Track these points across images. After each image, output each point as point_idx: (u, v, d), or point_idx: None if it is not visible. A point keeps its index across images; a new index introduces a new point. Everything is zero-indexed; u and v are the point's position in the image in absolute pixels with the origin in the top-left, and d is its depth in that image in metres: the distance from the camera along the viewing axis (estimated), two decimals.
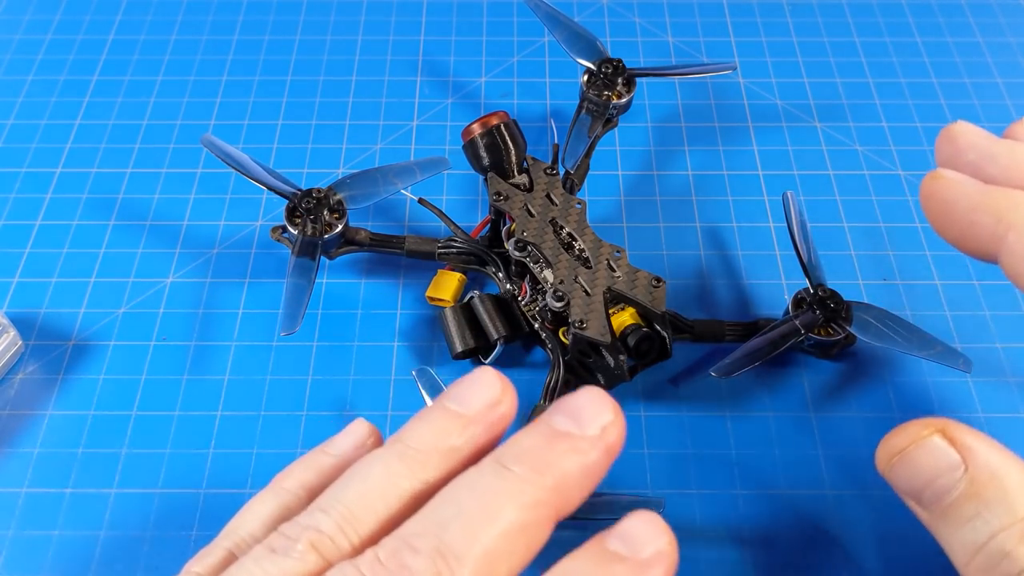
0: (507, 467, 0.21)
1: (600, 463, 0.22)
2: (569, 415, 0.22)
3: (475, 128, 0.37)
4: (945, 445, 0.22)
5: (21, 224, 0.42)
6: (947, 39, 0.51)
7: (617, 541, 0.21)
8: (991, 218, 0.23)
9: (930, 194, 0.25)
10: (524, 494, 0.21)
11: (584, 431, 0.21)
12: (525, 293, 0.36)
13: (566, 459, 0.21)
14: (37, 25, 0.51)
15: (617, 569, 0.20)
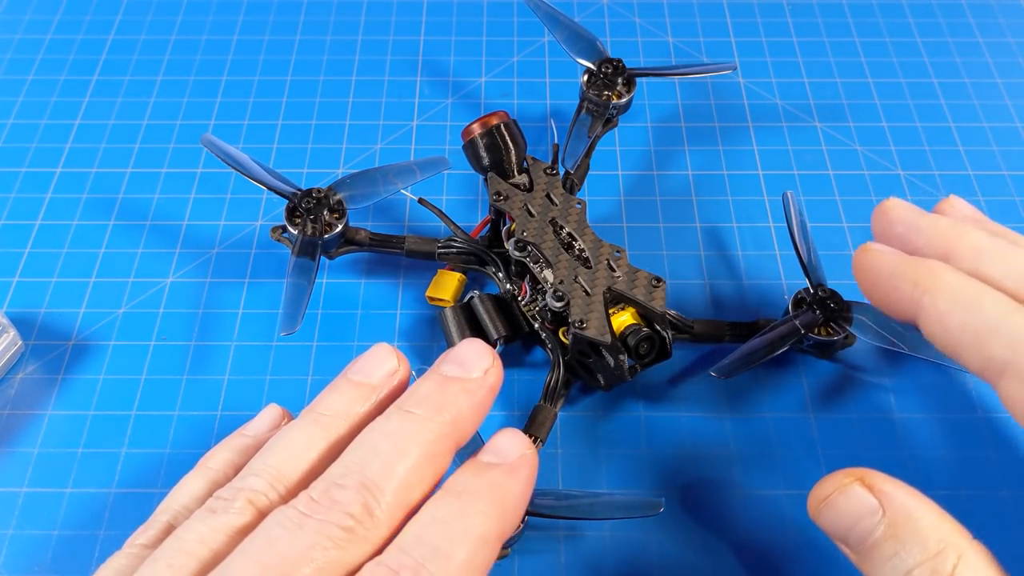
0: (410, 411, 0.25)
1: (485, 400, 0.26)
2: (456, 363, 0.26)
3: (475, 128, 0.37)
4: (864, 492, 0.24)
5: (21, 224, 0.42)
6: (947, 39, 0.51)
7: (489, 455, 0.25)
8: (909, 284, 0.27)
9: (859, 264, 0.29)
10: (428, 431, 0.24)
11: (470, 374, 0.26)
12: (525, 293, 0.36)
13: (458, 399, 0.25)
14: (37, 25, 0.51)
15: (492, 474, 0.24)
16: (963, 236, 0.27)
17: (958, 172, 0.44)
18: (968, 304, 0.25)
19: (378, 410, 0.27)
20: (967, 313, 0.25)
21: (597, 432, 0.35)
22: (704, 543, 0.33)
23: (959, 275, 0.26)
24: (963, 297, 0.26)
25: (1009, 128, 0.46)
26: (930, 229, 0.28)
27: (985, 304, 0.25)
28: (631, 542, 0.33)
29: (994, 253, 0.27)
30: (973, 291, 0.26)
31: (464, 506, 0.23)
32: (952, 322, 0.26)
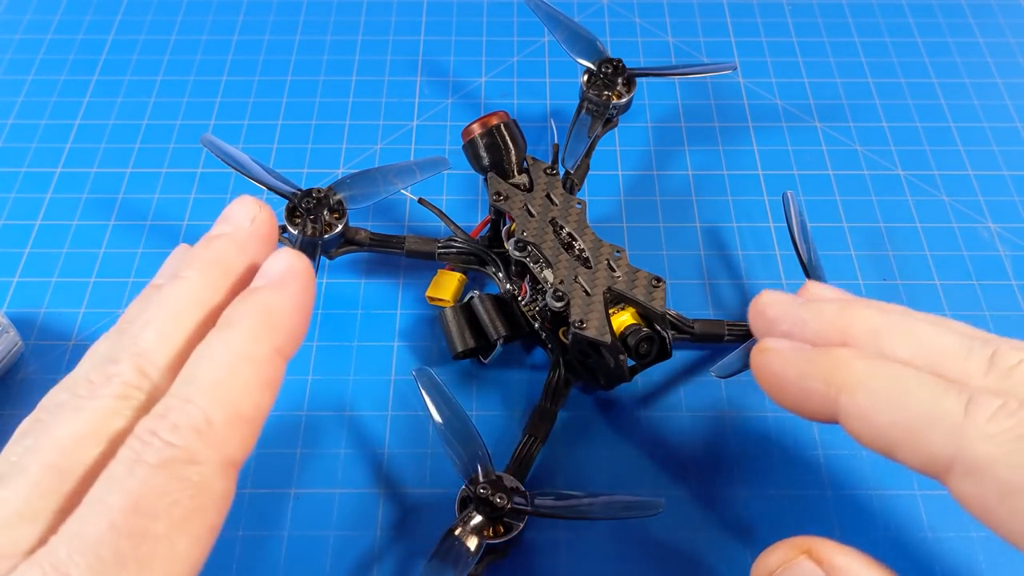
0: (181, 276, 0.24)
1: (257, 249, 0.25)
2: (222, 221, 0.25)
3: (475, 128, 0.37)
4: (812, 567, 0.23)
5: (21, 224, 0.42)
6: (947, 39, 0.51)
7: (257, 279, 0.24)
8: (820, 384, 0.23)
9: (759, 368, 0.25)
10: (199, 288, 0.23)
11: (239, 228, 0.25)
12: (525, 293, 0.36)
13: (226, 251, 0.24)
14: (37, 25, 0.51)
15: (256, 295, 0.23)
16: (855, 319, 0.24)
17: (958, 172, 0.44)
18: (892, 396, 0.22)
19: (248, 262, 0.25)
20: (893, 407, 0.22)
21: (597, 432, 0.35)
22: (704, 543, 0.33)
23: (872, 362, 0.23)
24: (884, 388, 0.22)
25: (1009, 128, 0.46)
26: (816, 320, 0.25)
27: (912, 392, 0.22)
28: (631, 542, 0.33)
29: (894, 329, 0.24)
30: (893, 378, 0.22)
31: (229, 335, 0.22)
32: (878, 419, 0.22)
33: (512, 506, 0.30)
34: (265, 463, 0.34)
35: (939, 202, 0.43)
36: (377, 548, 0.33)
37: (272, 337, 0.22)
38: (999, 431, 0.20)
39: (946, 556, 0.32)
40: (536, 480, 0.34)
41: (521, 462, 0.33)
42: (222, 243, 0.24)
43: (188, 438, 0.20)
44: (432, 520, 0.33)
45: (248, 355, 0.22)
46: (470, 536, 0.30)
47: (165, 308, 0.23)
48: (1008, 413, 0.20)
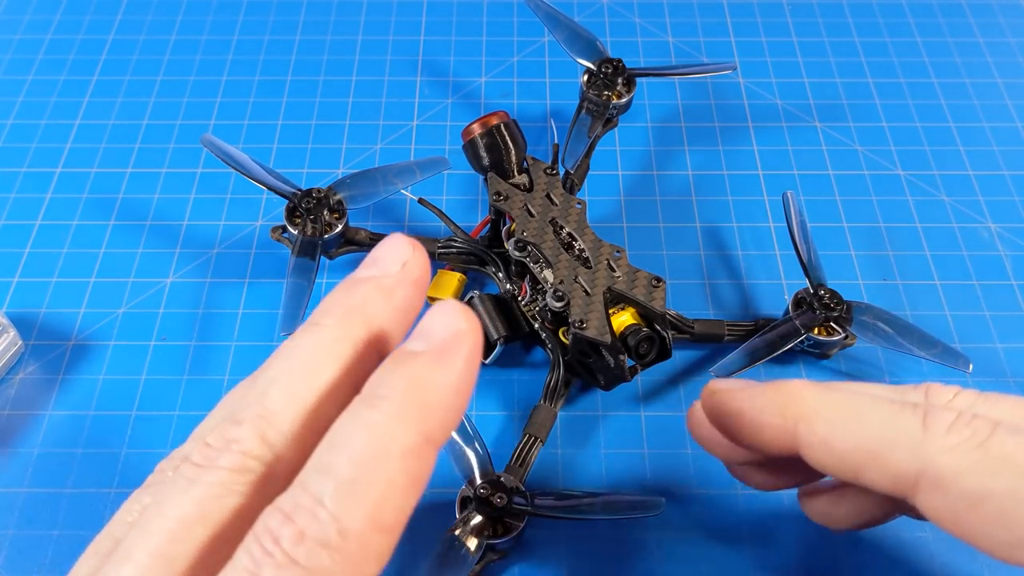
0: (316, 323, 0.20)
1: (409, 297, 0.21)
2: (370, 263, 0.21)
3: (475, 128, 0.37)
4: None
5: (21, 224, 0.42)
6: (947, 39, 0.51)
7: (415, 341, 0.19)
8: (777, 417, 0.23)
9: (712, 409, 0.25)
10: (339, 340, 0.20)
11: (386, 271, 0.21)
12: (525, 293, 0.36)
13: (374, 299, 0.20)
14: (37, 25, 0.51)
15: (413, 365, 0.19)
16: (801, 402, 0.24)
17: (958, 172, 0.44)
18: (849, 420, 0.22)
19: (405, 309, 0.21)
20: (852, 431, 0.22)
21: (597, 432, 0.35)
22: (704, 543, 0.33)
23: (825, 390, 0.23)
24: (840, 413, 0.22)
25: (1009, 128, 0.46)
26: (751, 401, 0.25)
27: (868, 414, 0.22)
28: (631, 542, 0.33)
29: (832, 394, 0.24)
30: (848, 403, 0.23)
31: (374, 416, 0.18)
32: (839, 446, 0.22)
33: (512, 506, 0.30)
34: None
35: (939, 202, 0.43)
36: None
37: (424, 422, 0.18)
38: (959, 441, 0.20)
39: (945, 554, 0.32)
40: (536, 480, 0.34)
41: (521, 462, 0.33)
42: (367, 288, 0.20)
43: (314, 556, 0.17)
44: (432, 520, 0.33)
45: (393, 444, 0.18)
46: (470, 536, 0.30)
47: (295, 362, 0.19)
48: (964, 423, 0.21)
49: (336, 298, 0.20)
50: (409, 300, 0.21)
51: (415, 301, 0.21)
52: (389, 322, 0.20)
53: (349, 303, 0.20)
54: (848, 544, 0.33)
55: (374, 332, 0.20)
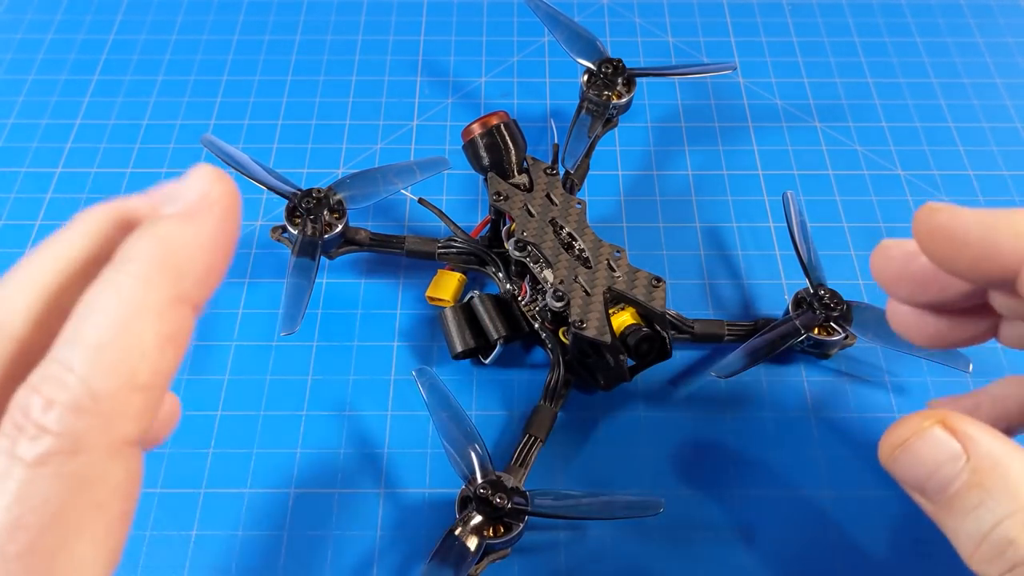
0: (62, 230, 0.19)
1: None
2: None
3: (475, 128, 0.37)
4: (946, 435, 0.21)
5: (21, 224, 0.42)
6: (947, 39, 0.51)
7: (167, 204, 0.19)
8: (1011, 238, 0.22)
9: (935, 227, 0.23)
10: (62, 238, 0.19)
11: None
12: (525, 293, 0.36)
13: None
14: (37, 25, 0.51)
15: (158, 227, 0.18)
16: None
17: (958, 172, 0.44)
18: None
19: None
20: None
21: (597, 432, 0.35)
22: (704, 543, 0.33)
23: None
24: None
25: (1009, 128, 0.46)
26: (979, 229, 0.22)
27: None
28: (631, 542, 0.33)
29: None
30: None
31: (121, 280, 0.17)
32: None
33: (512, 506, 0.30)
34: (265, 463, 0.34)
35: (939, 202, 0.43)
36: (377, 548, 0.33)
37: (174, 281, 0.18)
38: None
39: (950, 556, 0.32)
40: (536, 480, 0.34)
41: (521, 462, 0.33)
42: (128, 198, 0.19)
43: (67, 420, 0.16)
44: (432, 520, 0.33)
45: (142, 305, 0.17)
46: (470, 536, 0.30)
47: (33, 260, 0.18)
48: None
49: (88, 209, 0.19)
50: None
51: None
52: (143, 207, 0.19)
53: (101, 209, 0.19)
54: (848, 544, 0.33)
55: (125, 219, 0.19)
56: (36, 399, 0.16)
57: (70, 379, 0.16)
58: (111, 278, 0.17)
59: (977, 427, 0.21)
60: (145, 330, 0.17)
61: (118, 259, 0.18)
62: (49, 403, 0.16)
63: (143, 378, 0.17)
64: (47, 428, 0.16)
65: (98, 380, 0.16)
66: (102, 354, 0.17)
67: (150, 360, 0.17)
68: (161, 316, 0.17)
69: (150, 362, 0.17)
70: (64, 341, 0.17)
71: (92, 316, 0.17)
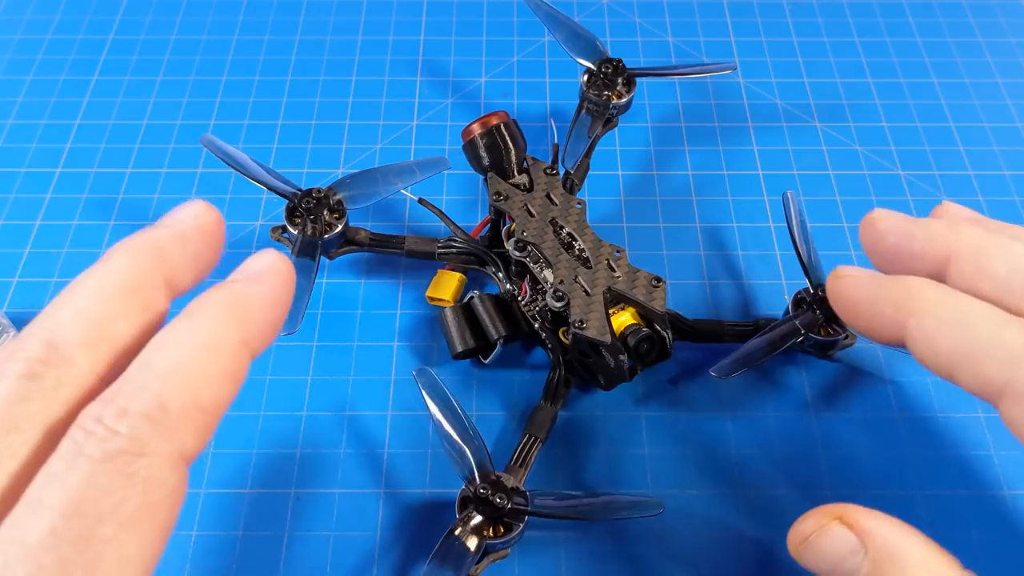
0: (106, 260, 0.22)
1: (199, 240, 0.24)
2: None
3: (475, 128, 0.37)
4: (845, 531, 0.23)
5: (21, 224, 0.42)
6: (947, 39, 0.51)
7: (234, 274, 0.23)
8: (891, 308, 0.25)
9: (835, 293, 0.27)
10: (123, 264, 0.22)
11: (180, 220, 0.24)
12: (525, 293, 0.36)
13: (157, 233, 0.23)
14: (37, 25, 0.51)
15: (230, 286, 0.22)
16: (961, 236, 0.25)
17: (958, 172, 0.44)
18: (956, 324, 0.23)
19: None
20: (956, 334, 0.23)
21: (597, 432, 0.35)
22: (704, 543, 0.33)
23: (942, 291, 0.25)
24: (949, 316, 0.24)
25: (1009, 128, 0.46)
26: (925, 233, 0.26)
27: (974, 322, 0.23)
28: (631, 542, 0.33)
29: (996, 249, 0.25)
30: (960, 308, 0.24)
31: (194, 321, 0.21)
32: (941, 345, 0.24)
33: (512, 506, 0.30)
34: (265, 463, 0.34)
35: (939, 202, 0.43)
36: (377, 548, 0.33)
37: (241, 327, 0.21)
38: None
39: None
40: (536, 480, 0.34)
41: (521, 462, 0.33)
42: (156, 232, 0.22)
43: (138, 426, 0.18)
44: (432, 520, 0.33)
45: (213, 342, 0.20)
46: (470, 536, 0.30)
47: (83, 288, 0.21)
48: None
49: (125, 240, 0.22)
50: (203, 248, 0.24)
51: (205, 247, 0.24)
52: (179, 257, 0.23)
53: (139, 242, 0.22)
54: None
55: (165, 268, 0.22)
56: (109, 409, 0.18)
57: (145, 393, 0.18)
58: (184, 322, 0.21)
59: (875, 519, 0.23)
60: (213, 362, 0.20)
61: (190, 309, 0.21)
62: (122, 411, 0.18)
63: (206, 402, 0.19)
64: (117, 431, 0.18)
65: (169, 396, 0.19)
66: (174, 376, 0.19)
67: (213, 389, 0.20)
68: (227, 354, 0.20)
69: (213, 390, 0.20)
70: (137, 367, 0.19)
71: (166, 349, 0.20)
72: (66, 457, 0.18)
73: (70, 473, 0.17)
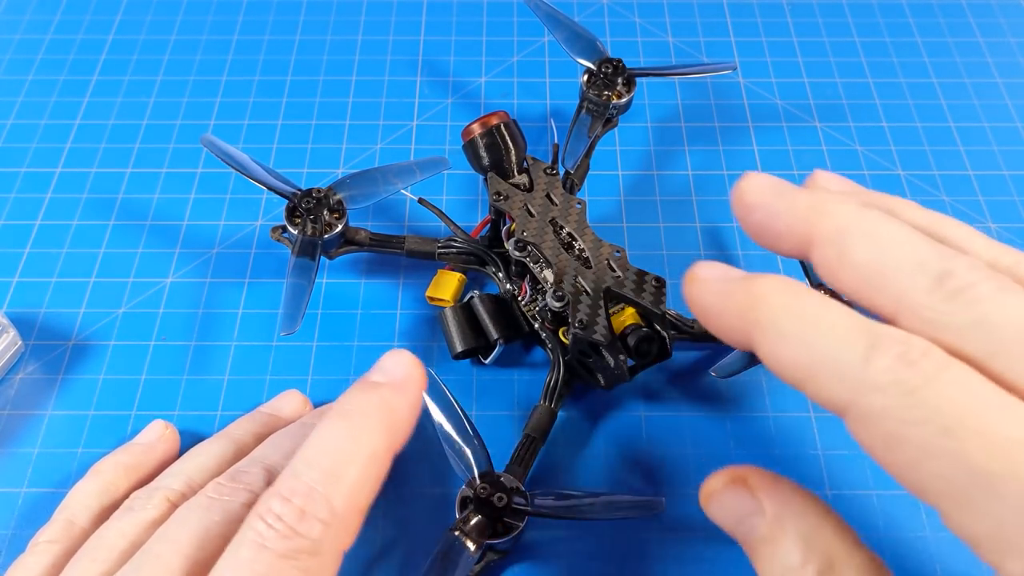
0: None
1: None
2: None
3: (475, 128, 0.37)
4: (745, 492, 0.24)
5: (21, 224, 0.42)
6: (947, 39, 0.51)
7: (376, 374, 0.26)
8: (736, 318, 0.23)
9: (687, 297, 0.25)
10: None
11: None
12: (525, 293, 0.36)
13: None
14: (37, 25, 0.51)
15: (380, 391, 0.26)
16: (824, 216, 0.23)
17: (958, 172, 0.44)
18: (798, 338, 0.22)
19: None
20: (797, 350, 0.22)
21: (597, 432, 0.35)
22: (704, 543, 0.33)
23: (788, 296, 0.22)
24: (792, 329, 0.22)
25: (1009, 128, 0.46)
26: (789, 211, 0.24)
27: (818, 338, 0.21)
28: (631, 542, 0.33)
29: (859, 232, 0.22)
30: (804, 320, 0.22)
31: (353, 426, 0.24)
32: (784, 360, 0.22)
33: (512, 506, 0.30)
34: None
35: (939, 202, 0.43)
36: (377, 548, 0.33)
37: (393, 438, 0.25)
38: (890, 383, 0.19)
39: (946, 556, 0.32)
40: (536, 480, 0.34)
41: (521, 462, 0.33)
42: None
43: (315, 529, 0.22)
44: (432, 520, 0.33)
45: (373, 452, 0.24)
46: (470, 536, 0.30)
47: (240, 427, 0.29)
48: (906, 363, 0.19)
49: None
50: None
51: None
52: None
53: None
54: None
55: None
56: (289, 509, 0.22)
57: (318, 496, 0.22)
58: (342, 424, 0.24)
59: (775, 482, 0.24)
60: (373, 472, 0.24)
61: (346, 409, 0.25)
62: (302, 514, 0.22)
63: (364, 506, 0.23)
64: (299, 533, 0.22)
65: (340, 503, 0.23)
66: (343, 484, 0.23)
67: (370, 494, 0.24)
68: (384, 463, 0.24)
69: (370, 496, 0.24)
70: (306, 464, 0.23)
71: (331, 451, 0.24)
72: (251, 547, 0.22)
73: (255, 562, 0.22)
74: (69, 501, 0.30)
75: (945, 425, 0.18)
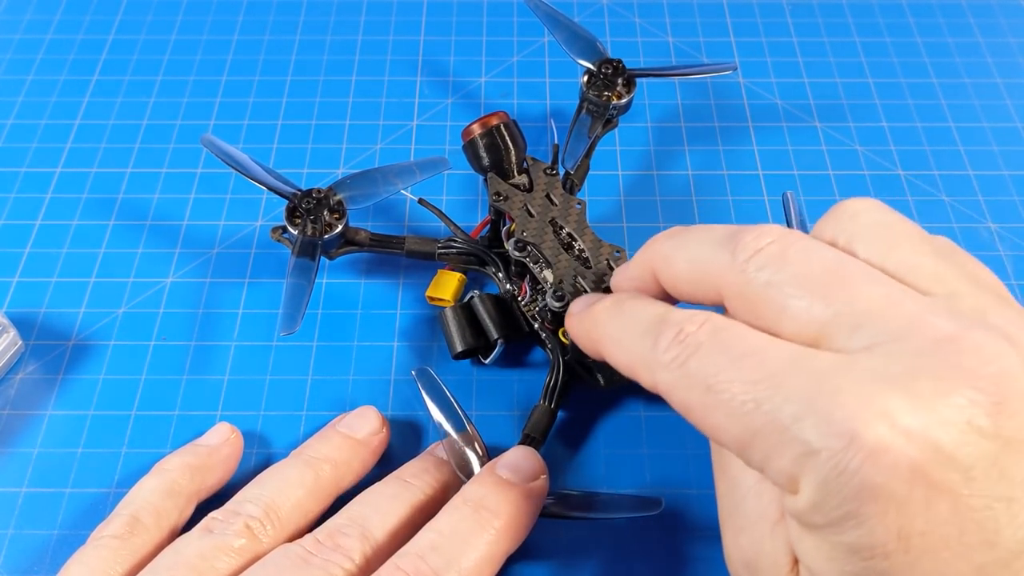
0: (407, 480, 0.30)
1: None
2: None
3: (475, 128, 0.37)
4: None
5: (21, 224, 0.42)
6: (947, 39, 0.51)
7: (507, 470, 0.29)
8: (588, 341, 0.28)
9: (568, 330, 0.30)
10: (419, 496, 0.30)
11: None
12: (525, 293, 0.36)
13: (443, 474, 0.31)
14: (37, 25, 0.51)
15: (512, 493, 0.28)
16: (653, 255, 0.27)
17: (958, 172, 0.44)
18: (620, 343, 0.26)
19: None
20: (619, 349, 0.26)
21: (597, 432, 0.35)
22: (704, 543, 0.33)
23: (608, 304, 0.27)
24: (616, 337, 0.26)
25: (1009, 128, 0.46)
26: (631, 264, 0.28)
27: (627, 335, 0.25)
28: (631, 542, 0.33)
29: (673, 252, 0.26)
30: (621, 328, 0.26)
31: (482, 521, 0.27)
32: (616, 361, 0.26)
33: None
34: (265, 463, 0.34)
35: (939, 202, 0.43)
36: None
37: (512, 541, 0.28)
38: (670, 360, 0.22)
39: None
40: None
41: None
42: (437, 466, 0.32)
43: None
44: None
45: (494, 556, 0.27)
46: None
47: (395, 507, 0.29)
48: (678, 341, 0.22)
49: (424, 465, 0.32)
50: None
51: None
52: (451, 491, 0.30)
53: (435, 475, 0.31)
54: None
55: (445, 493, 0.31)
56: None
57: None
58: (484, 520, 0.27)
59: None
60: (492, 567, 0.27)
61: (481, 504, 0.28)
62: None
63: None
64: None
65: None
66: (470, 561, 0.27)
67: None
68: (502, 558, 0.28)
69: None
70: (434, 551, 0.26)
71: (470, 547, 0.27)
72: None
73: None
74: (134, 497, 0.30)
75: (707, 384, 0.21)
